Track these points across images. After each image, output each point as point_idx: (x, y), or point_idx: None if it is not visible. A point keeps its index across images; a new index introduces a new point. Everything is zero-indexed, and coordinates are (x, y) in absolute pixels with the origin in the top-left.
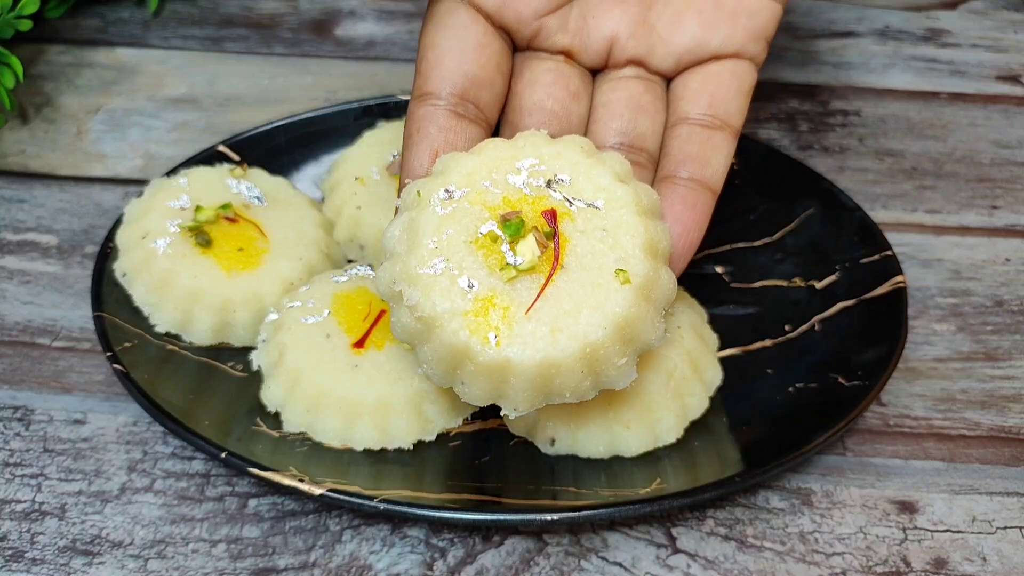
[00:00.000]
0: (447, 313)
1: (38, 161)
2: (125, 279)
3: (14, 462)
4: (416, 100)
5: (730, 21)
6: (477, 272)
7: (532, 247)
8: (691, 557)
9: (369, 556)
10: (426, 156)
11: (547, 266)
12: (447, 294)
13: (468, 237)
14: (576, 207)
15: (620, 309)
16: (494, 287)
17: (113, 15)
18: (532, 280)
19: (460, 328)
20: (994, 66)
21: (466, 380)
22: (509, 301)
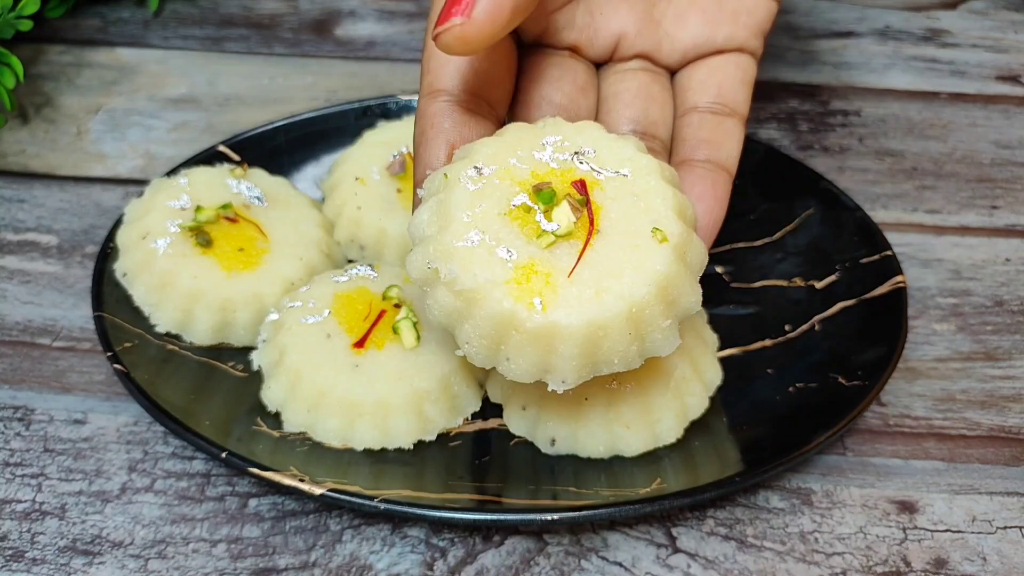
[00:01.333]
0: (488, 283)
1: (38, 161)
2: (125, 279)
3: (14, 462)
4: (427, 97)
5: (732, 18)
6: (514, 242)
7: (567, 213)
8: (691, 557)
9: (369, 556)
10: (442, 150)
11: (583, 232)
12: (487, 264)
13: (501, 210)
14: (604, 176)
15: (661, 267)
16: (533, 255)
17: (113, 15)
18: (569, 246)
19: (503, 297)
20: (994, 66)
21: (511, 354)
22: (550, 267)
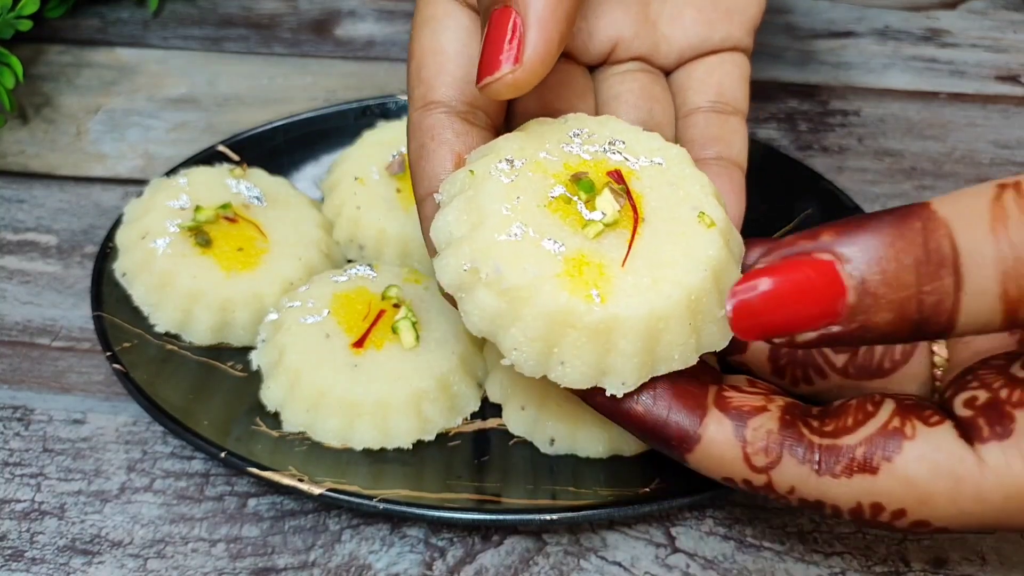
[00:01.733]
0: (539, 278)
1: (38, 161)
2: (125, 279)
3: (13, 462)
4: (421, 109)
5: (727, 17)
6: (559, 233)
7: (611, 201)
8: (690, 557)
9: (368, 556)
10: (448, 160)
11: (628, 220)
12: (535, 258)
13: (539, 202)
14: (639, 165)
15: (712, 251)
16: (581, 246)
17: (113, 15)
18: (616, 236)
19: (557, 291)
20: (993, 66)
21: (567, 356)
22: (600, 258)
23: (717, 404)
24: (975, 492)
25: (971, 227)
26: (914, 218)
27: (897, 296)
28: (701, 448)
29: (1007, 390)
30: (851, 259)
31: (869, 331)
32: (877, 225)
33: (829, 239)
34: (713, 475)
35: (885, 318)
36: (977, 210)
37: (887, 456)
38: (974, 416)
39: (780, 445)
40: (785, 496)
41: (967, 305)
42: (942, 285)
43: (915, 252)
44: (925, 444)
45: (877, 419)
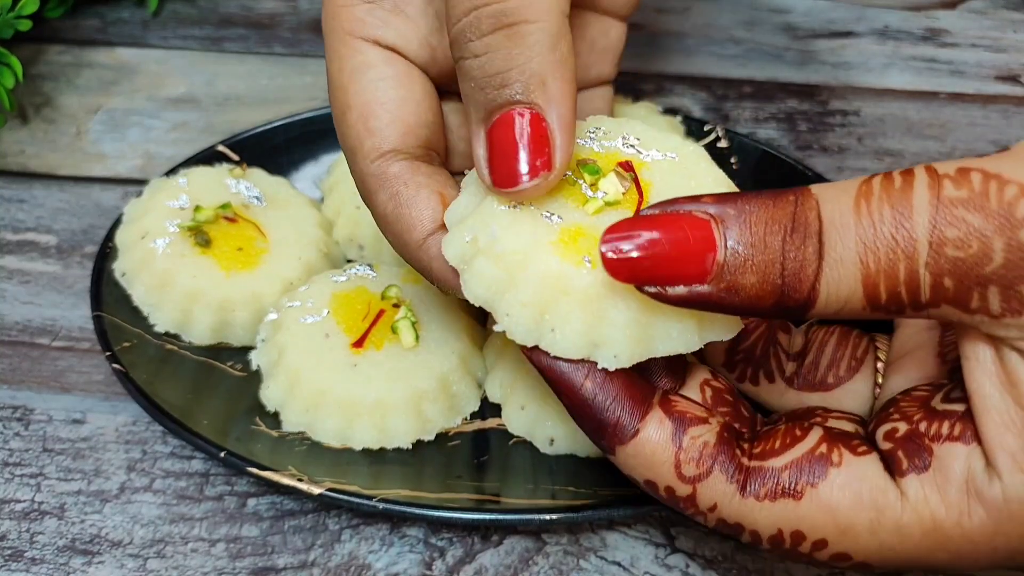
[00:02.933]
0: (534, 244)
1: (38, 161)
2: (124, 279)
3: (13, 462)
4: (380, 160)
5: (601, 58)
6: (559, 208)
7: (615, 182)
8: (690, 556)
9: (368, 555)
10: (435, 200)
11: (631, 203)
12: (531, 226)
13: None
14: (650, 158)
15: None
16: (579, 221)
17: (113, 15)
18: (618, 215)
19: (550, 256)
20: (993, 66)
21: (558, 323)
22: (597, 231)
23: (661, 405)
24: (895, 525)
25: (837, 201)
26: (789, 194)
27: (762, 258)
28: (635, 444)
29: (926, 423)
30: (725, 220)
31: (736, 293)
32: (756, 197)
33: (709, 203)
34: (637, 475)
35: (750, 280)
36: (846, 189)
37: (812, 482)
38: (894, 448)
39: (713, 459)
40: (704, 513)
41: (828, 273)
42: (805, 252)
43: (784, 220)
44: (850, 473)
45: (804, 443)
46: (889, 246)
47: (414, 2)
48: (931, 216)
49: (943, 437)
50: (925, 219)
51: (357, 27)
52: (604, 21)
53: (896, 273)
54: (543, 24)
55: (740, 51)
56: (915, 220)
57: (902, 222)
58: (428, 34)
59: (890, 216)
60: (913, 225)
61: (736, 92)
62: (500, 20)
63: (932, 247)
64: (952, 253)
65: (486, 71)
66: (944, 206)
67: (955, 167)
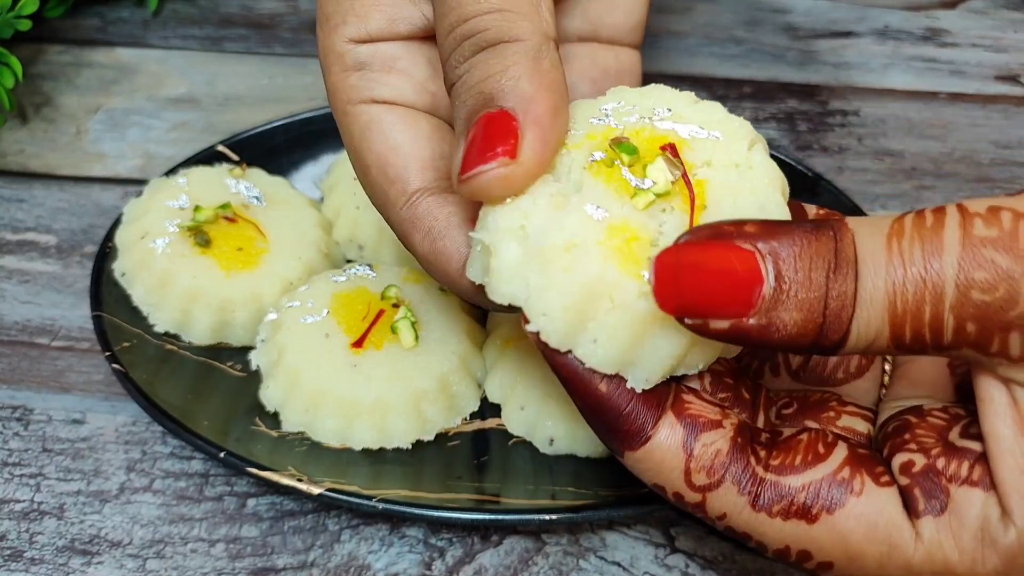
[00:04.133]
0: (580, 242)
1: (37, 161)
2: (124, 279)
3: (13, 462)
4: (408, 206)
5: (617, 81)
6: (602, 198)
7: (664, 170)
8: (689, 557)
9: (368, 556)
10: (465, 224)
11: (684, 199)
12: (577, 220)
13: (581, 163)
14: (690, 135)
15: None
16: (627, 216)
17: (113, 15)
18: (669, 213)
19: (605, 262)
20: (993, 66)
21: (602, 336)
22: (649, 233)
23: (674, 408)
24: (905, 564)
25: (871, 237)
26: (827, 227)
27: (807, 295)
28: (646, 449)
29: (944, 459)
30: (770, 254)
31: (777, 330)
32: (797, 229)
33: (752, 232)
34: (645, 479)
35: (793, 317)
36: (880, 226)
37: (828, 508)
38: (911, 485)
39: (724, 469)
40: (714, 520)
41: (859, 314)
42: (846, 290)
43: (827, 255)
44: (869, 503)
45: (827, 464)
46: (917, 287)
47: (403, 56)
48: (959, 256)
49: (961, 479)
50: (954, 259)
51: (353, 95)
52: (611, 49)
53: (922, 315)
54: (524, 43)
55: (740, 51)
56: (944, 260)
57: (931, 262)
58: (424, 81)
59: (920, 256)
60: (942, 265)
61: (736, 92)
62: (482, 43)
63: (959, 289)
64: (978, 297)
65: (467, 84)
66: (973, 246)
67: (986, 205)
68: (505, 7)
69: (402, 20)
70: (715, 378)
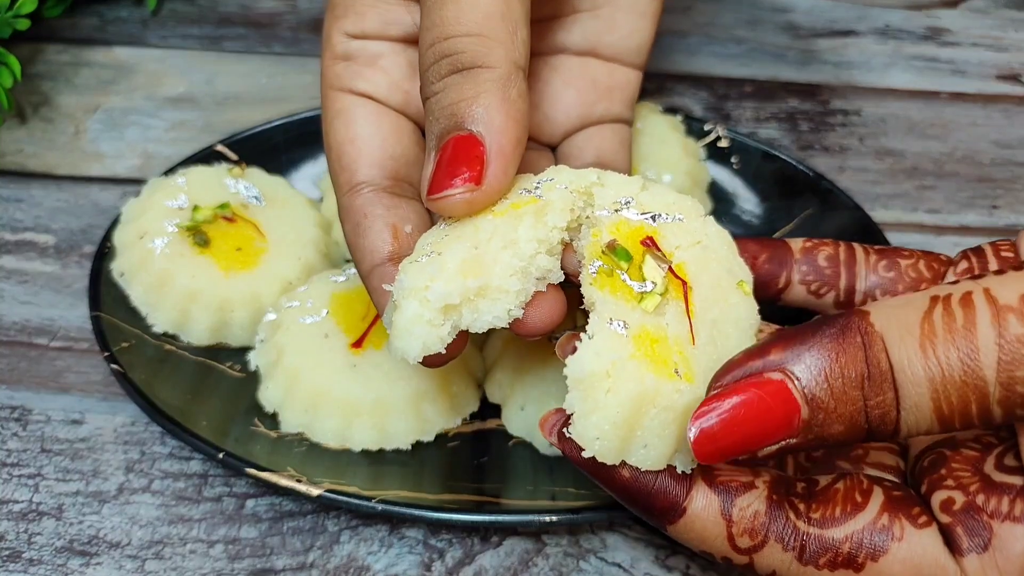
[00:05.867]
0: (616, 362)
1: (36, 161)
2: (123, 279)
3: (12, 462)
4: (349, 193)
5: (607, 95)
6: (616, 311)
7: (655, 268)
8: (690, 558)
9: (367, 557)
10: (386, 232)
11: (673, 288)
12: (604, 341)
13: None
14: (660, 224)
15: (754, 321)
16: (644, 323)
17: (111, 14)
18: (667, 304)
19: (641, 373)
20: (994, 65)
21: (651, 439)
22: (662, 331)
23: (704, 477)
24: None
25: (903, 343)
26: (854, 332)
27: (847, 410)
28: (684, 521)
29: (983, 496)
30: (800, 376)
31: (824, 440)
32: (821, 340)
33: (777, 357)
34: (693, 547)
35: (838, 429)
36: (908, 325)
37: (873, 555)
38: (953, 524)
39: (766, 529)
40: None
41: (906, 416)
42: (885, 399)
43: (858, 367)
44: (911, 548)
45: (866, 513)
46: (960, 391)
47: (387, 55)
48: (998, 357)
49: (1003, 516)
50: (992, 360)
51: (336, 81)
52: (608, 66)
53: (969, 411)
54: (496, 70)
55: (741, 50)
56: (983, 362)
57: (970, 365)
58: (400, 80)
59: (957, 360)
60: (981, 367)
61: (737, 91)
62: (458, 64)
63: (1002, 386)
64: (1022, 390)
65: (441, 103)
66: (1011, 345)
67: (1018, 294)
68: (483, 32)
69: (395, 23)
70: None
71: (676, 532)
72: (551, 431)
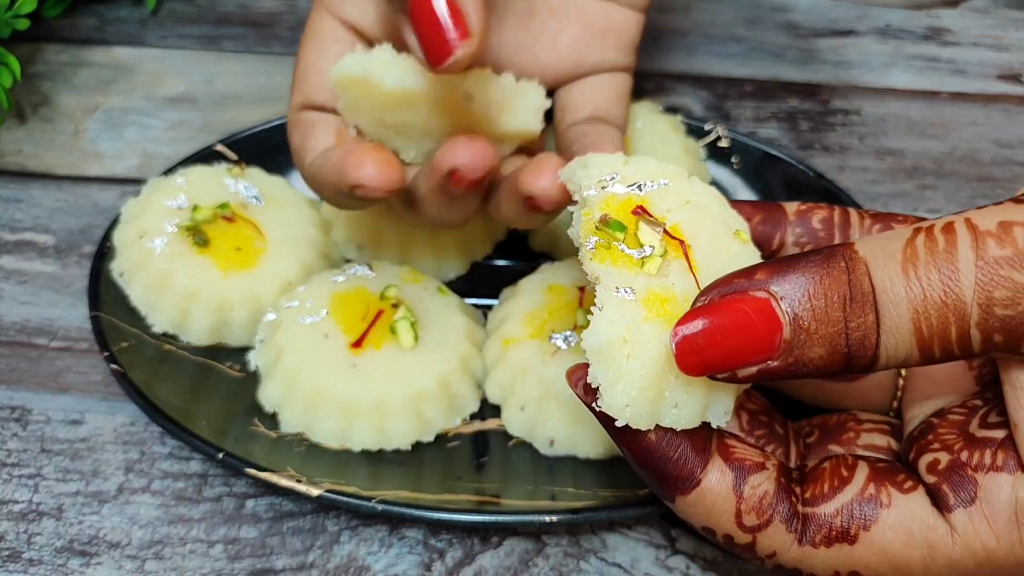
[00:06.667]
0: (632, 328)
1: (35, 160)
2: (122, 279)
3: (11, 462)
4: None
5: (600, 40)
6: (621, 279)
7: (651, 233)
8: (690, 558)
9: (367, 557)
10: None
11: (673, 249)
12: (615, 309)
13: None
14: (647, 192)
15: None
16: (650, 286)
17: (111, 14)
18: (670, 265)
19: (659, 333)
20: (995, 65)
21: (680, 398)
22: (669, 291)
23: (720, 452)
24: (947, 560)
25: (886, 266)
26: (838, 258)
27: (828, 331)
28: (697, 494)
29: (967, 452)
30: (785, 296)
31: (804, 365)
32: (807, 264)
33: (763, 277)
34: (696, 523)
35: (818, 352)
36: (891, 251)
37: (864, 525)
38: (939, 482)
39: (772, 510)
40: (762, 558)
41: (886, 339)
42: (866, 320)
43: (841, 290)
44: (900, 512)
45: (853, 485)
46: (940, 311)
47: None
48: (977, 278)
49: (986, 467)
50: (971, 281)
51: (329, 4)
52: (604, 6)
53: (948, 335)
54: None
55: (741, 50)
56: (962, 283)
57: (950, 286)
58: (389, 15)
59: (938, 280)
60: (961, 288)
61: (737, 91)
62: None
63: (981, 308)
64: (1001, 312)
65: None
66: (989, 267)
67: (996, 221)
68: None
69: None
70: (751, 416)
71: (685, 504)
72: (577, 383)
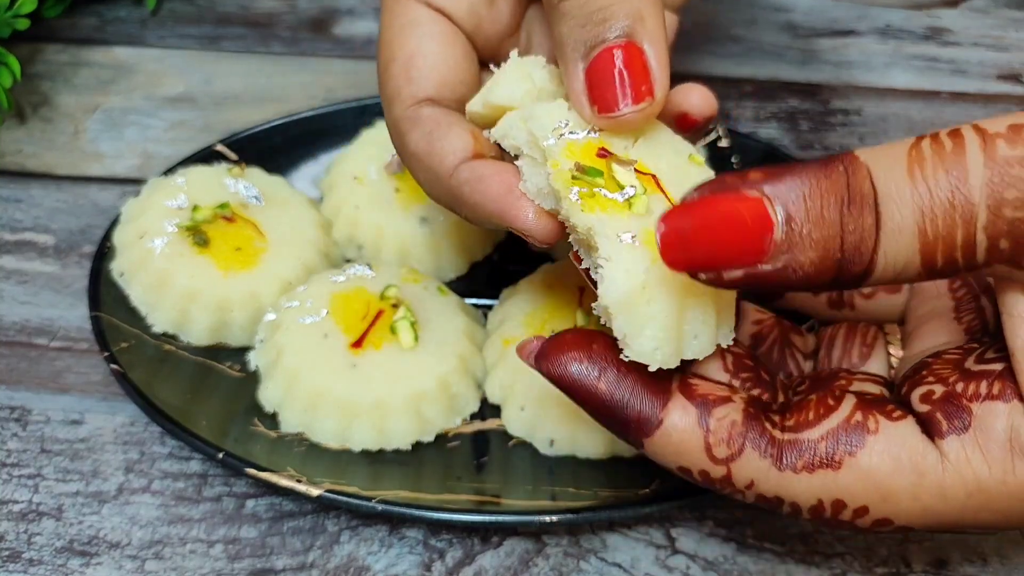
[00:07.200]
0: (643, 272)
1: (35, 160)
2: (122, 279)
3: (11, 462)
4: (415, 106)
5: None
6: (616, 225)
7: (626, 173)
8: (691, 558)
9: (367, 557)
10: (467, 133)
11: (645, 184)
12: (629, 255)
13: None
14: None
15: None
16: (644, 225)
17: (111, 14)
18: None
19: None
20: (995, 65)
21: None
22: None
23: (681, 390)
24: (938, 488)
25: (890, 169)
26: (837, 162)
27: (821, 234)
28: (661, 434)
29: (962, 384)
30: (778, 197)
31: (794, 271)
32: (803, 168)
33: (756, 178)
34: (669, 463)
35: (809, 257)
36: (896, 155)
37: (850, 451)
38: (932, 411)
39: (743, 437)
40: (742, 491)
41: (886, 244)
42: (863, 223)
43: (838, 191)
44: (888, 439)
45: (839, 413)
46: (947, 212)
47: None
48: (988, 178)
49: (982, 396)
50: (981, 181)
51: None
52: None
53: (954, 239)
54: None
55: (741, 50)
56: (971, 183)
57: (958, 186)
58: (477, 3)
59: (945, 181)
60: (970, 188)
61: (737, 91)
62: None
63: (990, 210)
64: (1010, 214)
65: (586, 9)
66: (999, 166)
67: (1006, 124)
68: None
69: None
70: (736, 359)
71: (653, 446)
72: (529, 355)
